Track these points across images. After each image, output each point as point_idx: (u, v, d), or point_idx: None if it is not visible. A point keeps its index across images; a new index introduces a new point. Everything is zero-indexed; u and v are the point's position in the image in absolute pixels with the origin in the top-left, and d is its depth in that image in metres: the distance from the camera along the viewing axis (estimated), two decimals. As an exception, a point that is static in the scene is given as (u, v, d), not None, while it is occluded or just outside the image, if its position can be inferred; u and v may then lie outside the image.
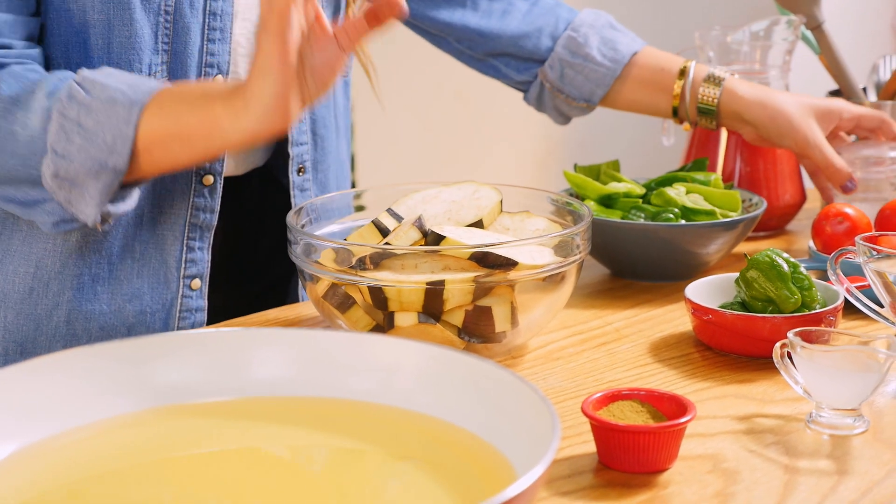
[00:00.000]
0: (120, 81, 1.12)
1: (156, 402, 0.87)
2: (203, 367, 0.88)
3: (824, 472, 0.97)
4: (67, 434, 0.84)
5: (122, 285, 1.26)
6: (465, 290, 1.13)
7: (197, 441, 0.85)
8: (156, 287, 1.27)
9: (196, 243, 1.28)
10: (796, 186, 1.63)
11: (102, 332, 1.26)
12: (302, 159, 1.36)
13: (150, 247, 1.26)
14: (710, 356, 1.21)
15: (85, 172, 1.11)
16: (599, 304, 1.36)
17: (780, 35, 1.60)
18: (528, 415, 0.79)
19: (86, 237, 1.23)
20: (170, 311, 1.28)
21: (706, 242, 1.38)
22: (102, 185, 1.12)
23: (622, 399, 1.01)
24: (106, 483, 0.81)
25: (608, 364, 1.19)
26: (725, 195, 1.42)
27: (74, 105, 1.11)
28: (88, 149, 1.11)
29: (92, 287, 1.25)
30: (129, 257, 1.25)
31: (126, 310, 1.26)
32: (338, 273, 1.15)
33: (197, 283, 1.28)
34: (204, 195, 1.27)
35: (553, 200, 1.30)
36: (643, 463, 0.97)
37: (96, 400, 0.85)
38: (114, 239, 1.24)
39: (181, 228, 1.27)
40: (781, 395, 1.11)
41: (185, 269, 1.27)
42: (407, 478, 0.81)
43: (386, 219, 1.22)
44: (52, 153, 1.11)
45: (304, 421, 0.87)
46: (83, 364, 0.85)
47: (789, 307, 1.18)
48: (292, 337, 0.90)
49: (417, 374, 0.87)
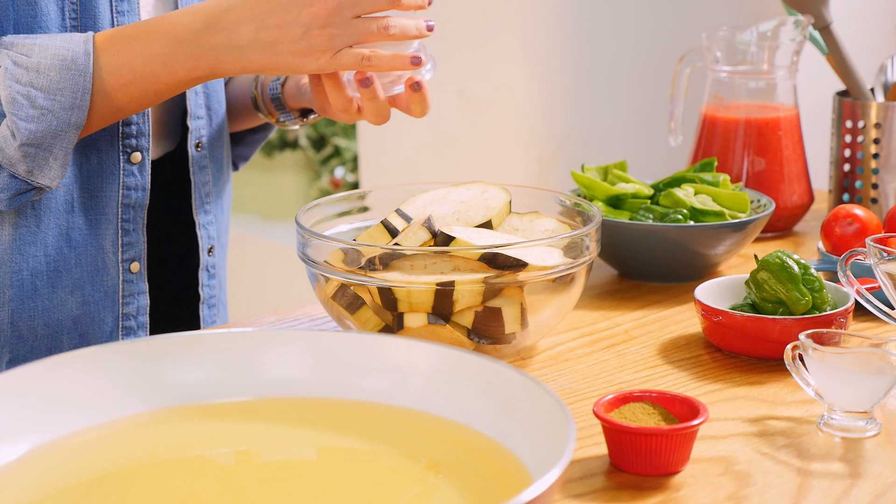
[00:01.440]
0: (52, 38, 1.11)
1: (169, 402, 0.86)
2: (217, 367, 0.88)
3: (837, 474, 0.97)
4: (81, 433, 0.84)
5: (62, 277, 1.22)
6: (475, 291, 1.13)
7: (209, 442, 0.85)
8: (95, 275, 1.24)
9: (130, 224, 1.25)
10: (804, 187, 1.63)
11: (48, 328, 1.23)
12: (199, 134, 1.32)
13: (85, 233, 1.23)
14: (720, 358, 1.20)
15: (52, 134, 1.10)
16: (608, 305, 1.35)
17: (788, 35, 1.60)
18: (543, 417, 0.79)
19: (17, 229, 1.19)
20: (113, 298, 1.25)
21: (715, 243, 1.38)
22: (67, 143, 1.11)
23: (634, 401, 1.01)
24: (119, 483, 0.81)
25: (618, 365, 1.19)
26: (734, 196, 1.42)
27: (22, 70, 1.09)
28: (52, 109, 1.09)
29: (31, 282, 1.21)
30: (66, 246, 1.22)
31: (69, 302, 1.23)
32: (347, 274, 1.14)
33: (136, 266, 1.26)
34: (133, 174, 1.24)
35: (561, 201, 1.29)
36: (655, 465, 0.96)
37: (110, 399, 0.85)
38: (47, 229, 1.21)
39: (114, 210, 1.24)
40: (793, 398, 1.11)
41: (123, 253, 1.25)
42: (420, 481, 0.81)
43: (395, 219, 1.21)
44: (13, 123, 1.09)
45: (316, 422, 0.86)
46: (98, 363, 0.85)
47: (800, 309, 1.18)
48: (305, 338, 0.89)
49: (430, 375, 0.87)
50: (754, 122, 1.61)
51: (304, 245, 1.19)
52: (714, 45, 1.62)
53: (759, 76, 1.61)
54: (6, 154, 1.10)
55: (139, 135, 1.24)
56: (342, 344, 0.89)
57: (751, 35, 1.61)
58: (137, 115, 1.24)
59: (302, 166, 3.27)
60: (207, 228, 1.35)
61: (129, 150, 1.24)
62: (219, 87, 1.37)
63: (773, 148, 1.61)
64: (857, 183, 1.64)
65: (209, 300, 1.38)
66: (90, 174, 1.23)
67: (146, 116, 1.24)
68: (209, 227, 1.35)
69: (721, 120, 1.63)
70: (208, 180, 1.35)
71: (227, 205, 1.41)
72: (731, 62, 1.62)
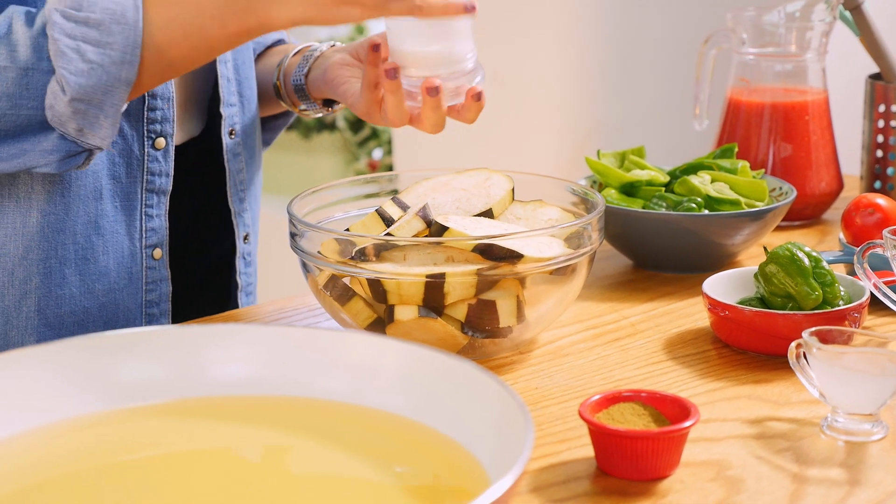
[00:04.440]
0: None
1: (120, 401, 0.83)
2: (170, 364, 0.85)
3: (835, 481, 0.92)
4: (26, 435, 0.81)
5: (89, 264, 1.22)
6: (467, 283, 1.09)
7: (161, 442, 0.82)
8: (121, 261, 1.23)
9: (154, 210, 1.24)
10: (833, 174, 1.57)
11: (74, 316, 1.22)
12: (233, 121, 1.32)
13: (112, 220, 1.22)
14: (726, 354, 1.15)
15: (102, 90, 1.08)
16: (618, 296, 1.31)
17: (818, 16, 1.54)
18: (504, 420, 0.75)
19: (46, 217, 1.19)
20: (137, 285, 1.24)
21: (731, 233, 1.32)
22: (118, 100, 1.10)
23: (623, 401, 0.96)
24: (66, 486, 0.78)
25: (619, 361, 1.14)
26: (752, 184, 1.36)
27: (71, 24, 1.08)
28: (102, 63, 1.08)
29: (60, 270, 1.21)
30: (94, 234, 1.21)
31: (96, 289, 1.22)
32: (336, 265, 1.11)
33: (159, 253, 1.25)
34: (157, 159, 1.24)
35: (572, 190, 1.25)
36: (642, 470, 0.92)
37: (56, 399, 0.82)
38: (75, 217, 1.20)
39: (138, 197, 1.23)
40: (798, 398, 1.06)
41: (146, 239, 1.24)
42: (375, 483, 0.77)
43: (390, 207, 1.18)
44: (62, 78, 1.07)
45: (272, 421, 0.83)
46: (42, 361, 0.82)
47: (810, 304, 1.13)
48: (265, 334, 0.86)
49: (393, 374, 0.83)
50: (781, 105, 1.56)
51: (297, 235, 1.16)
52: (740, 27, 1.56)
53: (786, 58, 1.55)
54: (56, 111, 1.09)
55: (163, 120, 1.23)
56: (303, 340, 0.85)
57: (778, 16, 1.55)
58: (161, 101, 1.23)
59: (339, 148, 3.24)
60: (243, 216, 1.35)
61: (153, 136, 1.23)
62: (250, 75, 1.36)
63: (801, 133, 1.55)
64: (888, 170, 1.58)
65: (246, 287, 1.38)
66: (116, 160, 1.22)
67: (170, 102, 1.23)
68: (244, 215, 1.35)
69: (746, 104, 1.57)
70: (242, 167, 1.34)
71: (258, 191, 1.40)
72: (758, 44, 1.56)
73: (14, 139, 1.10)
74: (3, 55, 1.07)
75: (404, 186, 1.26)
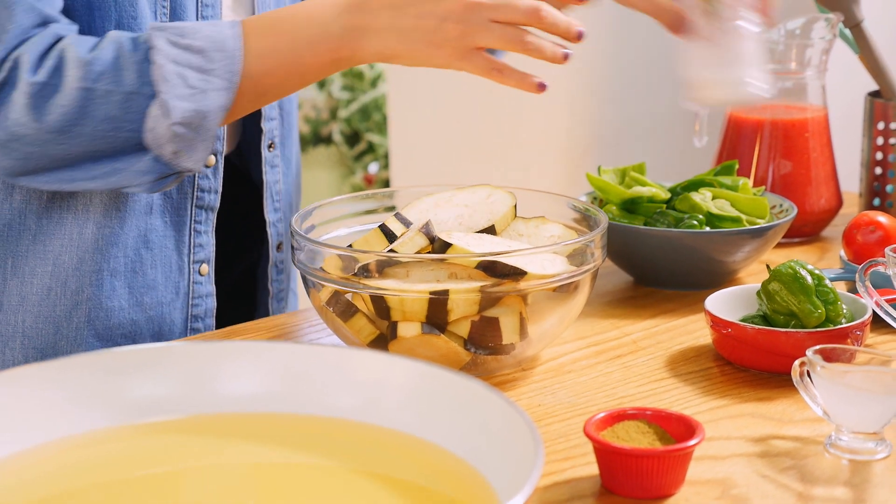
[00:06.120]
0: (199, 23, 1.12)
1: (129, 418, 0.83)
2: (179, 381, 0.85)
3: (840, 500, 0.92)
4: (36, 451, 0.80)
5: (138, 277, 1.24)
6: (471, 300, 1.09)
7: (169, 458, 0.82)
8: (169, 276, 1.26)
9: (202, 227, 1.27)
10: (832, 191, 1.57)
11: (122, 328, 1.24)
12: (272, 135, 1.34)
13: (161, 235, 1.25)
14: (729, 371, 1.15)
15: (202, 115, 1.11)
16: (619, 313, 1.31)
17: (818, 34, 1.54)
18: (513, 439, 0.75)
19: (101, 229, 1.21)
20: (184, 300, 1.27)
21: (732, 250, 1.33)
22: (214, 125, 1.12)
23: (628, 419, 0.96)
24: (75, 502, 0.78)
25: (622, 378, 1.14)
26: (753, 201, 1.37)
27: (178, 51, 1.10)
28: (205, 89, 1.10)
29: (111, 282, 1.23)
30: (143, 247, 1.24)
31: (144, 302, 1.25)
32: (339, 281, 1.11)
33: (205, 269, 1.28)
34: (207, 176, 1.26)
35: (574, 206, 1.24)
36: (647, 488, 0.92)
37: (67, 416, 0.82)
38: (128, 230, 1.23)
39: (188, 213, 1.26)
40: (801, 416, 1.06)
41: (194, 255, 1.27)
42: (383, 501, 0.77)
43: (393, 224, 1.18)
44: (164, 103, 1.09)
45: (281, 438, 0.83)
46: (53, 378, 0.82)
47: (812, 322, 1.13)
48: (274, 351, 0.86)
49: (402, 392, 0.83)
50: (781, 123, 1.56)
51: (299, 250, 1.16)
52: (740, 44, 1.56)
53: (786, 76, 1.56)
54: (157, 134, 1.11)
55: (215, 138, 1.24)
56: (312, 358, 0.85)
57: (779, 33, 1.55)
58: None
59: (335, 162, 3.24)
60: (277, 226, 1.37)
61: None
62: None
63: (800, 150, 1.56)
64: (888, 187, 1.58)
65: (277, 294, 1.40)
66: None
67: None
68: (278, 225, 1.37)
69: (746, 120, 1.57)
70: (279, 178, 1.36)
71: (292, 199, 1.42)
72: (758, 61, 1.56)
73: (110, 159, 1.12)
74: (109, 79, 1.10)
75: (407, 202, 1.25)
